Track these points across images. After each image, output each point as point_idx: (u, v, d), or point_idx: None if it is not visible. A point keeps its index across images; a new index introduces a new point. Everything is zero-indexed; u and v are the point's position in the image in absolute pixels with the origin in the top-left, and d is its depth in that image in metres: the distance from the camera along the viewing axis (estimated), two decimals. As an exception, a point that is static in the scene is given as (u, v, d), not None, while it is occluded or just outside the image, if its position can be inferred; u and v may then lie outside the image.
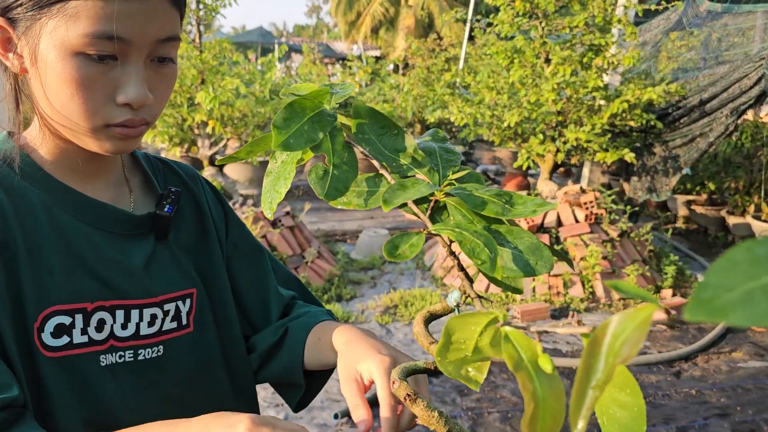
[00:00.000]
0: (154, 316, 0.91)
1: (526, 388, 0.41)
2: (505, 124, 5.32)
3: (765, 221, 5.88)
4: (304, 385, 1.00)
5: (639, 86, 5.22)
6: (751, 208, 6.06)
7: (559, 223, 5.10)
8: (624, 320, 0.34)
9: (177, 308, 0.94)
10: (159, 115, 0.86)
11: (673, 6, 5.42)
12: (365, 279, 5.37)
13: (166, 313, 0.93)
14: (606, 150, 5.24)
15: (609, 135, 5.31)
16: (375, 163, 0.67)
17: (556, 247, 4.93)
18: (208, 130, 5.64)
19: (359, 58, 14.37)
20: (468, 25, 9.12)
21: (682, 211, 7.11)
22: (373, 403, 0.78)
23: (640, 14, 5.61)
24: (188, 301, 0.96)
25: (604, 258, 4.86)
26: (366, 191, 0.67)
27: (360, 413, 0.77)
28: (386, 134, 0.69)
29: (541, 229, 5.08)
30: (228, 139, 6.16)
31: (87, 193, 0.87)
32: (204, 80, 5.66)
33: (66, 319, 0.82)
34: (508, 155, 9.61)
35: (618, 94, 5.22)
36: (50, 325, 0.81)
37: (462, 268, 0.63)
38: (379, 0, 26.94)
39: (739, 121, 7.11)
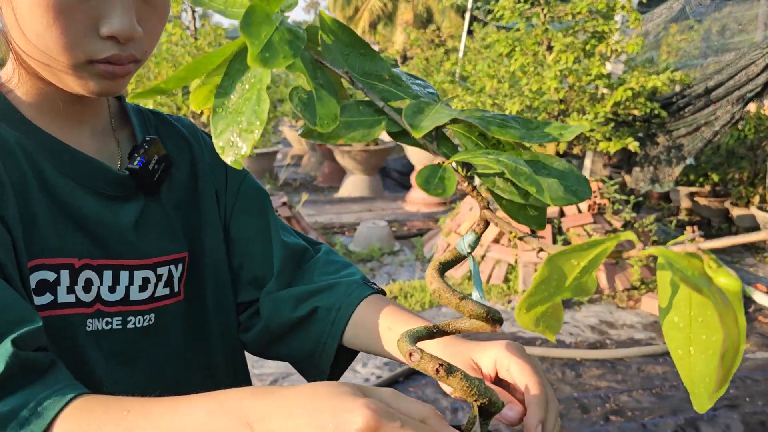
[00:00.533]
0: (146, 280, 0.82)
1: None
2: (507, 113, 5.21)
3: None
4: (329, 371, 0.90)
5: (643, 73, 5.12)
6: (756, 199, 5.96)
7: (562, 214, 5.00)
8: None
9: (170, 273, 0.86)
10: (149, 54, 0.76)
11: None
12: (364, 270, 5.27)
13: (159, 278, 0.84)
14: (609, 139, 5.14)
15: (612, 124, 5.21)
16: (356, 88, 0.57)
17: (558, 237, 4.84)
18: (203, 119, 5.53)
19: (357, 52, 14.18)
20: (468, 14, 9.01)
21: (685, 203, 7.01)
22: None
23: (644, 1, 5.50)
24: (180, 266, 0.87)
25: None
26: (353, 122, 0.54)
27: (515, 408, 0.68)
28: (353, 53, 0.59)
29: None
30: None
31: (69, 143, 0.78)
32: (199, 69, 5.52)
33: (50, 275, 0.74)
34: (508, 148, 9.47)
35: (622, 82, 5.12)
36: (33, 280, 0.72)
37: (483, 200, 0.53)
38: (378, -5, 26.81)
39: (743, 111, 7.04)
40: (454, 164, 0.51)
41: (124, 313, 0.81)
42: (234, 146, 0.49)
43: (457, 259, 0.58)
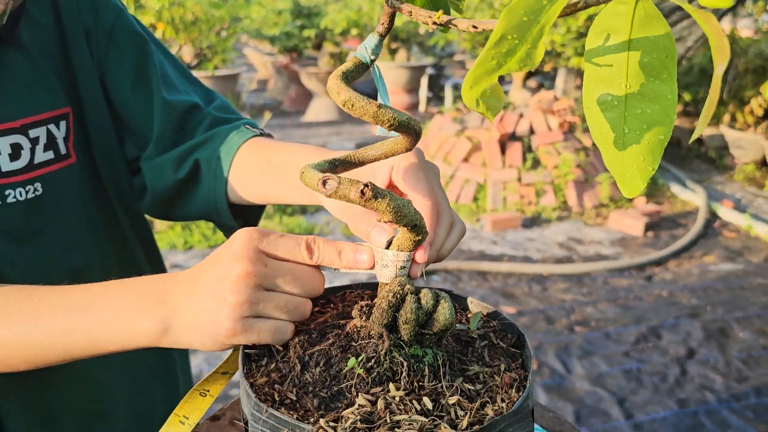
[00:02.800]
0: (17, 147, 0.70)
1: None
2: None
3: (740, 130, 5.78)
4: (237, 225, 0.80)
5: (617, -14, 4.95)
6: (726, 118, 5.94)
7: (532, 132, 4.92)
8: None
9: (49, 134, 0.73)
10: None
11: None
12: (331, 192, 5.18)
13: (34, 142, 0.71)
14: (581, 54, 5.00)
15: (585, 39, 5.07)
16: None
17: (528, 155, 4.77)
18: (158, 34, 5.23)
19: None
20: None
21: (655, 124, 6.97)
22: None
23: None
24: (63, 123, 0.75)
25: (578, 166, 4.71)
26: None
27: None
28: None
29: (513, 137, 4.89)
30: (181, 46, 5.71)
31: None
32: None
33: None
34: (480, 71, 9.27)
35: (595, -5, 4.95)
36: None
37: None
38: None
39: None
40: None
41: (1, 187, 0.70)
42: None
43: (361, 67, 0.48)
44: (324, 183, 0.45)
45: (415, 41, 7.86)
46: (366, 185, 0.44)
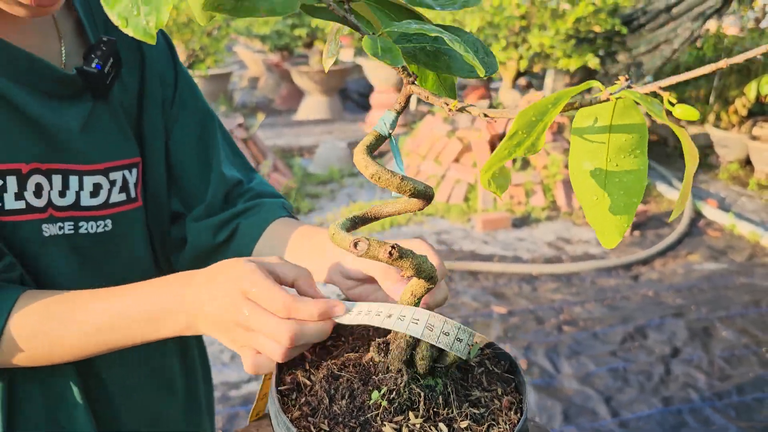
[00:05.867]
0: (97, 186, 0.79)
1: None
2: (467, 29, 5.10)
3: (724, 129, 5.89)
4: None
5: (605, -11, 5.03)
6: (711, 117, 6.05)
7: (521, 132, 4.99)
8: None
9: (124, 179, 0.82)
10: None
11: None
12: (324, 192, 5.24)
13: (112, 183, 0.80)
14: (569, 56, 5.09)
15: (573, 41, 5.15)
16: None
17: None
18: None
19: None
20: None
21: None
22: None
23: None
24: (134, 171, 0.84)
25: (566, 166, 4.80)
26: None
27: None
28: None
29: (502, 137, 4.96)
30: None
31: (9, 40, 0.72)
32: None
33: None
34: (470, 69, 9.34)
35: (583, -3, 5.03)
36: None
37: (410, 75, 0.49)
38: None
39: (701, 31, 7.03)
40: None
41: (76, 218, 0.78)
42: (140, 15, 0.41)
43: (380, 140, 0.54)
44: (355, 245, 0.51)
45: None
46: (393, 247, 0.51)
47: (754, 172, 5.62)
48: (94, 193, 0.79)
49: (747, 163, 5.79)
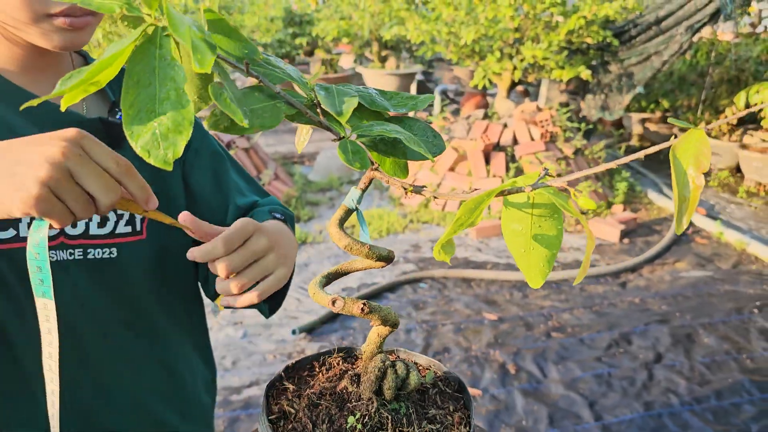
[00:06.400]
0: (105, 218, 0.91)
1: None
2: (462, 42, 5.24)
3: (715, 137, 6.02)
4: (265, 308, 1.01)
5: (596, 1, 5.16)
6: (702, 125, 6.16)
7: (515, 141, 5.13)
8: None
9: (131, 214, 0.94)
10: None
11: None
12: (323, 200, 5.37)
13: (119, 217, 0.92)
14: (562, 67, 5.22)
15: (566, 52, 5.28)
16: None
17: (511, 164, 4.98)
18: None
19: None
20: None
21: (637, 129, 7.21)
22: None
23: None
24: None
25: (558, 175, 4.92)
26: (258, 109, 0.56)
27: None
28: (230, 42, 0.58)
29: (497, 147, 5.10)
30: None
31: (38, 92, 0.85)
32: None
33: None
34: (468, 74, 9.50)
35: (576, 10, 5.16)
36: None
37: (373, 163, 0.62)
38: None
39: (695, 39, 7.15)
40: (354, 136, 0.60)
41: (85, 246, 0.90)
42: (160, 147, 0.49)
43: (349, 213, 0.67)
44: (333, 302, 0.65)
45: (404, 47, 8.05)
46: (364, 304, 0.64)
47: (744, 180, 5.74)
48: (101, 224, 0.90)
49: (737, 170, 5.92)
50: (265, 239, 0.83)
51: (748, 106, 5.53)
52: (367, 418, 0.66)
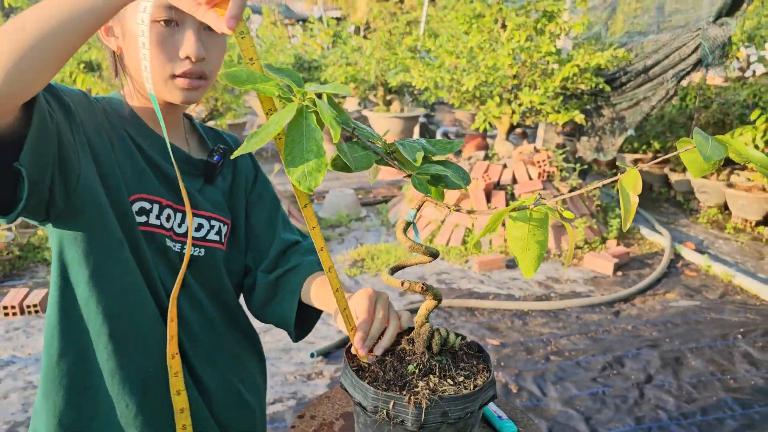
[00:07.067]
0: (200, 225, 1.22)
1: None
2: (464, 88, 5.62)
3: (704, 177, 6.35)
4: (294, 334, 1.32)
5: (589, 51, 5.56)
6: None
7: (515, 181, 5.46)
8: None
9: (219, 228, 1.25)
10: (215, 76, 1.14)
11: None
12: (333, 235, 5.67)
13: (211, 227, 1.24)
14: (558, 112, 5.59)
15: (561, 98, 5.66)
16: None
17: (511, 202, 5.30)
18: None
19: (320, 20, 14.30)
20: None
21: (630, 169, 7.55)
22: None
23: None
24: (225, 227, 1.27)
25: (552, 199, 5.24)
26: (358, 157, 0.86)
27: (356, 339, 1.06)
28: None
29: (497, 186, 5.43)
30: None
31: (159, 133, 1.18)
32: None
33: (146, 205, 1.12)
34: (468, 117, 9.92)
35: (570, 59, 5.55)
36: (136, 206, 1.11)
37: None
38: (339, -40, 26.58)
39: (684, 84, 7.55)
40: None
41: (183, 243, 1.19)
42: (307, 180, 0.76)
43: (408, 224, 0.97)
44: (403, 283, 0.95)
45: (407, 91, 8.47)
46: (423, 284, 0.94)
47: (731, 217, 6.06)
48: (197, 229, 1.21)
49: (725, 208, 6.24)
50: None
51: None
52: (421, 365, 0.96)
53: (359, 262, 5.03)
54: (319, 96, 0.82)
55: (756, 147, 5.60)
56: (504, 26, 5.61)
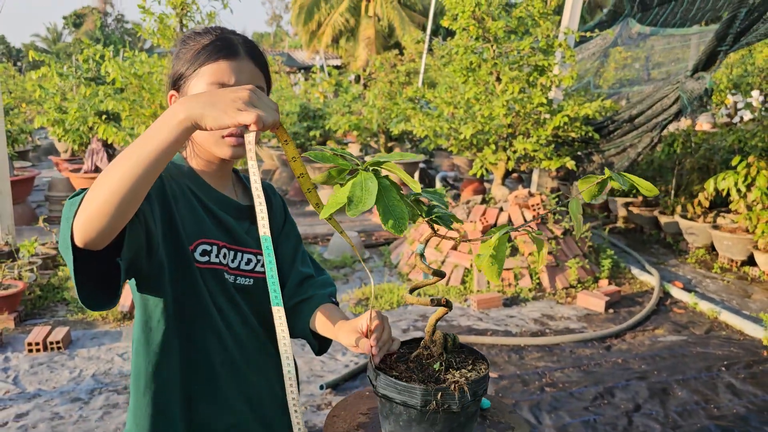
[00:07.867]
0: (249, 260, 1.49)
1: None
2: (462, 136, 5.97)
3: (690, 219, 6.66)
4: (316, 345, 1.58)
5: (578, 102, 5.94)
6: (678, 209, 6.84)
7: (510, 223, 5.76)
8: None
9: (263, 262, 1.52)
10: (260, 133, 1.43)
11: (604, 34, 6.13)
12: (338, 276, 5.94)
13: (258, 261, 1.51)
14: (550, 158, 5.93)
15: (553, 145, 6.01)
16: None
17: (508, 244, 5.58)
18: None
19: (322, 68, 14.85)
20: (427, 40, 9.78)
21: (621, 212, 7.88)
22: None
23: (577, 39, 6.32)
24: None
25: (549, 253, 5.54)
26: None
27: (365, 342, 1.32)
28: None
29: (494, 227, 5.73)
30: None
31: (213, 185, 1.46)
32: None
33: (208, 247, 1.40)
34: (466, 162, 10.29)
35: (560, 109, 5.92)
36: (199, 249, 1.38)
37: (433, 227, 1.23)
38: (340, 10, 27.51)
39: (674, 129, 7.93)
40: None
41: (236, 275, 1.46)
42: (398, 227, 1.03)
43: (420, 256, 1.25)
44: (431, 300, 1.23)
45: (407, 138, 8.84)
46: (433, 298, 1.22)
47: (718, 257, 6.34)
48: (247, 263, 1.48)
49: (713, 249, 6.53)
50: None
51: (717, 191, 6.22)
52: (441, 363, 1.23)
53: (364, 301, 5.28)
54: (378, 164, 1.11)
55: (738, 191, 5.93)
56: (499, 79, 6.00)
